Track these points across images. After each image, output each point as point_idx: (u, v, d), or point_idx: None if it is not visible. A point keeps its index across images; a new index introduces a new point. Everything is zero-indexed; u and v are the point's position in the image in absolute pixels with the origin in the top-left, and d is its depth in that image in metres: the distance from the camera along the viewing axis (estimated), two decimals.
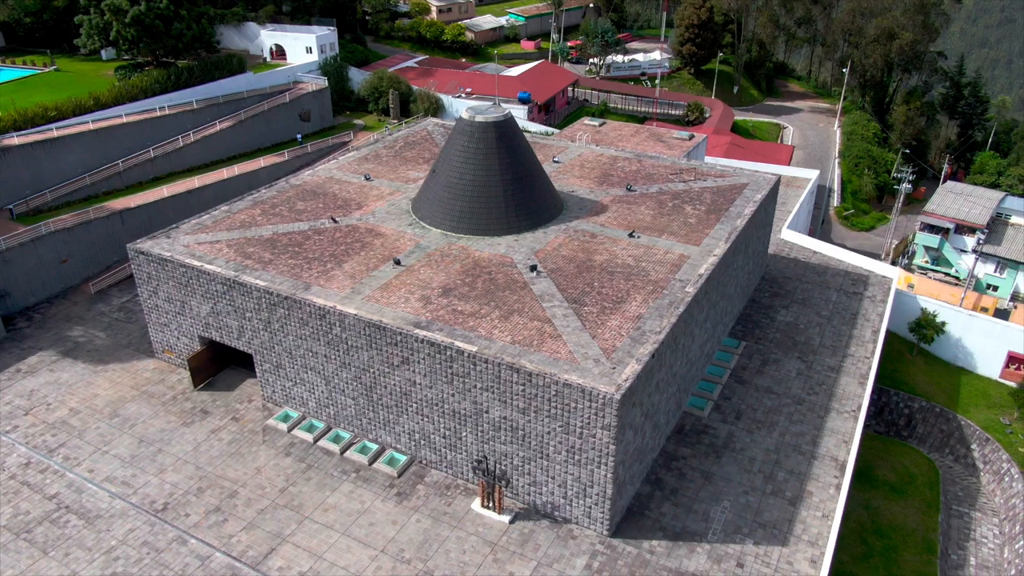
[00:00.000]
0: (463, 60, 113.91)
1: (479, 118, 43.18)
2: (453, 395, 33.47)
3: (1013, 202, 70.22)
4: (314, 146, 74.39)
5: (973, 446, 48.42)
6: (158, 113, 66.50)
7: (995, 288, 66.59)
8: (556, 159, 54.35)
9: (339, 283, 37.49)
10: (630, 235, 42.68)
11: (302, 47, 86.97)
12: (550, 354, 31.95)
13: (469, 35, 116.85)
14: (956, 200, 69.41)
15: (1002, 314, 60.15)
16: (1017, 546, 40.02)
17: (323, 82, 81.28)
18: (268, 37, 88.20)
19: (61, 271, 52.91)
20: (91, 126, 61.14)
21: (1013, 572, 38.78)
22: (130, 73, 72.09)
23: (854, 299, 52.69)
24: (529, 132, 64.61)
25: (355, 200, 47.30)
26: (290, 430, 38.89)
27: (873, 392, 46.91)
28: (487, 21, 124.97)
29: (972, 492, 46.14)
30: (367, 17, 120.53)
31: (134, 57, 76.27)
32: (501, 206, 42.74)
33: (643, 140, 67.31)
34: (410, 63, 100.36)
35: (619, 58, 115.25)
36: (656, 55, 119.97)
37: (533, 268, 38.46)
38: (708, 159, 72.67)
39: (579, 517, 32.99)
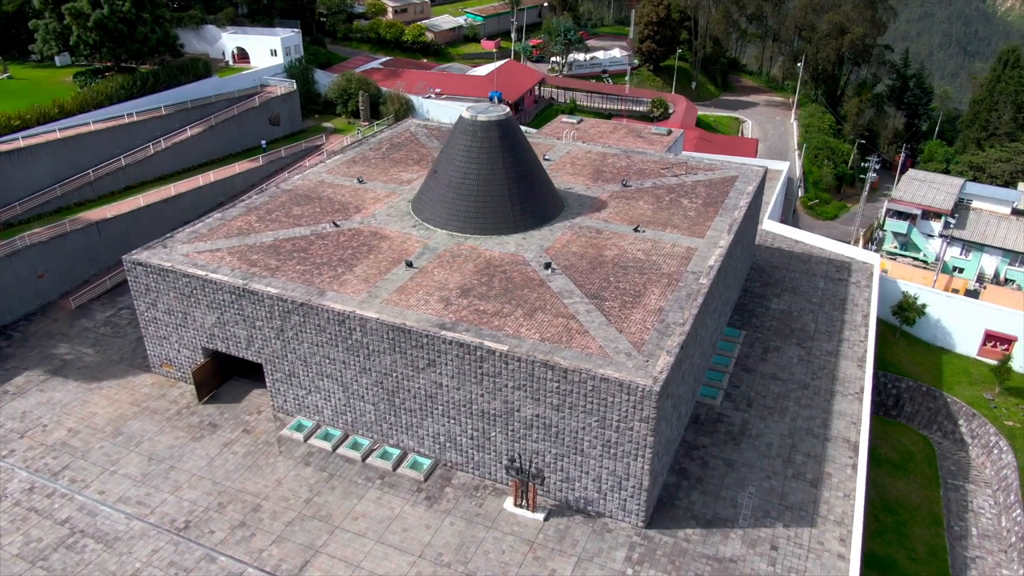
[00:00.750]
0: (424, 60, 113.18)
1: (481, 117, 43.00)
2: (482, 395, 33.28)
3: (972, 188, 73.43)
4: (288, 150, 72.95)
5: (960, 422, 50.47)
6: (126, 120, 64.19)
7: (961, 270, 69.51)
8: (546, 157, 54.49)
9: (353, 287, 36.87)
10: (635, 230, 43.12)
11: (266, 50, 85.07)
12: (581, 350, 32.07)
13: (429, 35, 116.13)
14: (921, 187, 72.20)
15: (972, 294, 62.90)
16: (1014, 515, 41.87)
17: (291, 85, 79.72)
18: (230, 40, 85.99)
19: (38, 287, 50.63)
20: (58, 135, 58.64)
21: (1013, 539, 40.59)
22: (90, 79, 69.38)
23: (840, 285, 54.33)
24: None
25: (352, 203, 46.56)
26: (306, 439, 38.07)
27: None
28: (446, 21, 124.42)
29: (964, 466, 48.09)
30: (323, 19, 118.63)
31: (90, 63, 73.46)
32: (507, 205, 42.67)
33: (623, 136, 68.04)
34: (374, 64, 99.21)
35: (580, 56, 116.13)
36: (616, 52, 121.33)
37: (547, 265, 38.51)
38: (683, 154, 73.82)
39: (613, 510, 33.20)
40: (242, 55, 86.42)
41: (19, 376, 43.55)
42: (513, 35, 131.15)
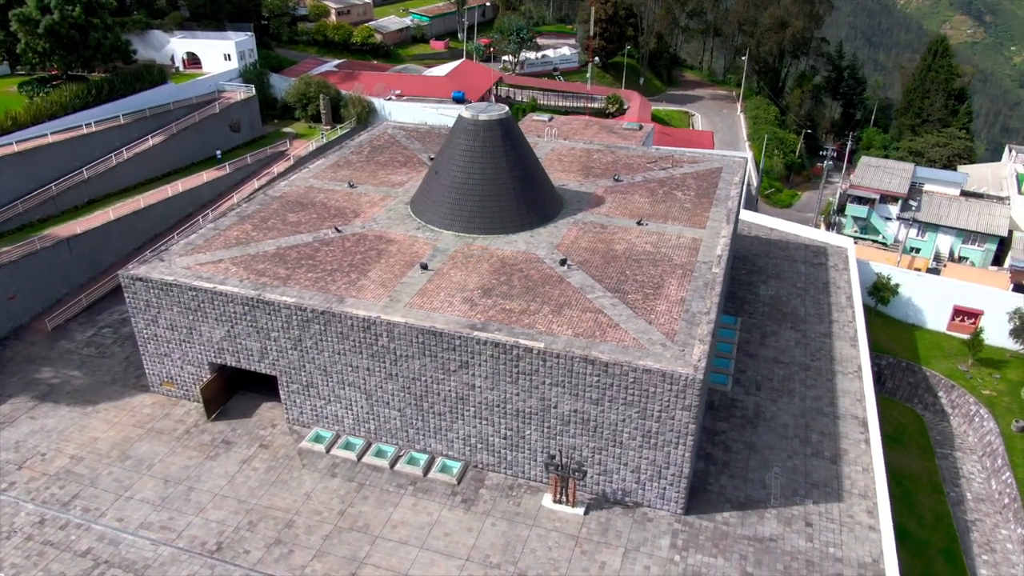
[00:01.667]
0: (375, 62, 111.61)
1: (483, 116, 42.82)
2: (518, 394, 33.22)
3: (922, 172, 77.23)
4: (254, 157, 70.86)
5: (940, 394, 53.13)
6: (84, 131, 61.16)
7: (918, 250, 73.03)
8: None
9: (372, 293, 36.22)
10: (638, 223, 43.74)
11: (219, 54, 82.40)
12: (616, 343, 32.39)
13: (378, 37, 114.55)
14: (877, 173, 75.52)
15: (933, 272, 66.14)
16: (1004, 478, 44.37)
17: (251, 90, 77.45)
18: (179, 45, 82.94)
19: (9, 309, 47.81)
20: (15, 148, 55.45)
21: (1006, 500, 43.01)
22: (37, 89, 65.86)
23: (820, 270, 56.36)
24: None
25: (348, 208, 45.67)
26: (328, 450, 37.20)
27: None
28: (393, 22, 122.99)
29: (948, 435, 50.65)
30: (265, 22, 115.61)
31: (33, 71, 69.59)
32: (512, 203, 42.64)
33: (597, 132, 68.76)
34: (328, 67, 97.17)
35: (532, 55, 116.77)
36: (565, 51, 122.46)
37: (563, 262, 38.70)
38: (665, 148, 75.09)
39: (652, 499, 33.67)
40: (192, 60, 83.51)
41: (3, 404, 41.06)
42: (461, 35, 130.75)
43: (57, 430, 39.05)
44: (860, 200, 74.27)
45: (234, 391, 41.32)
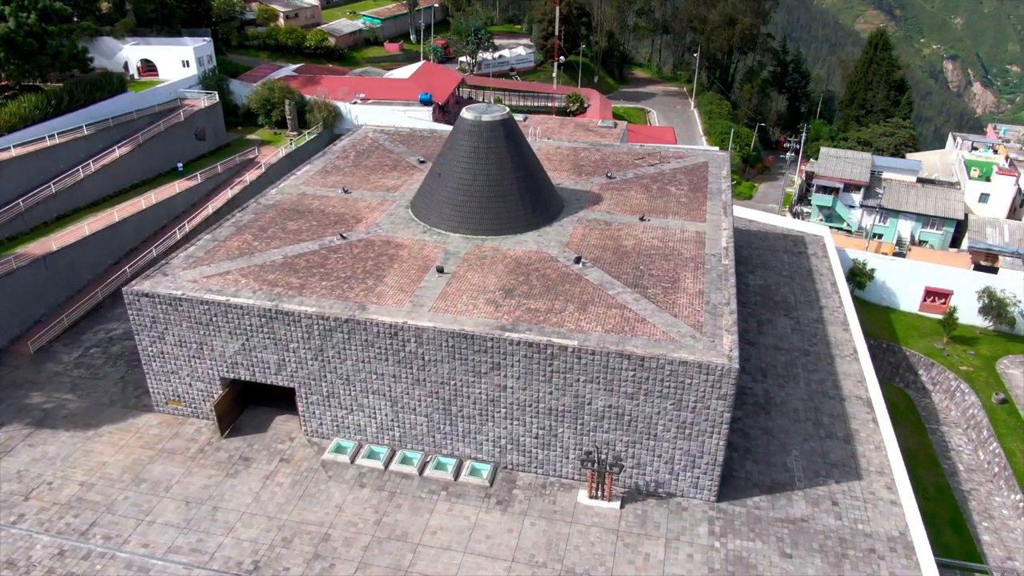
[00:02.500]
0: (330, 65, 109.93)
1: (486, 118, 42.76)
2: (551, 393, 33.38)
3: (879, 160, 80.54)
4: (224, 165, 68.93)
5: (920, 372, 55.58)
6: (48, 143, 58.48)
7: (880, 236, 76.13)
8: None
9: (393, 299, 35.81)
10: (641, 219, 44.40)
11: (177, 61, 79.83)
12: (647, 337, 32.87)
13: (332, 40, 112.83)
14: (838, 163, 78.40)
15: (898, 256, 69.12)
16: (991, 448, 46.75)
17: (214, 97, 75.29)
18: (133, 52, 79.96)
19: None
20: None
21: (996, 469, 45.33)
22: None
23: (802, 258, 58.23)
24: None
25: (348, 214, 44.98)
26: (353, 460, 36.60)
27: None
28: (345, 25, 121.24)
29: (932, 411, 53.02)
30: (214, 27, 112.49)
31: None
32: (518, 203, 42.73)
33: (574, 131, 69.39)
34: (286, 72, 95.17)
35: (488, 55, 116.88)
36: (520, 50, 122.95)
37: (578, 260, 39.01)
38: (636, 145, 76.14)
39: (685, 489, 34.29)
40: (148, 67, 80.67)
41: None
42: (413, 36, 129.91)
43: (60, 457, 37.29)
44: (825, 189, 77.03)
45: (244, 406, 40.23)
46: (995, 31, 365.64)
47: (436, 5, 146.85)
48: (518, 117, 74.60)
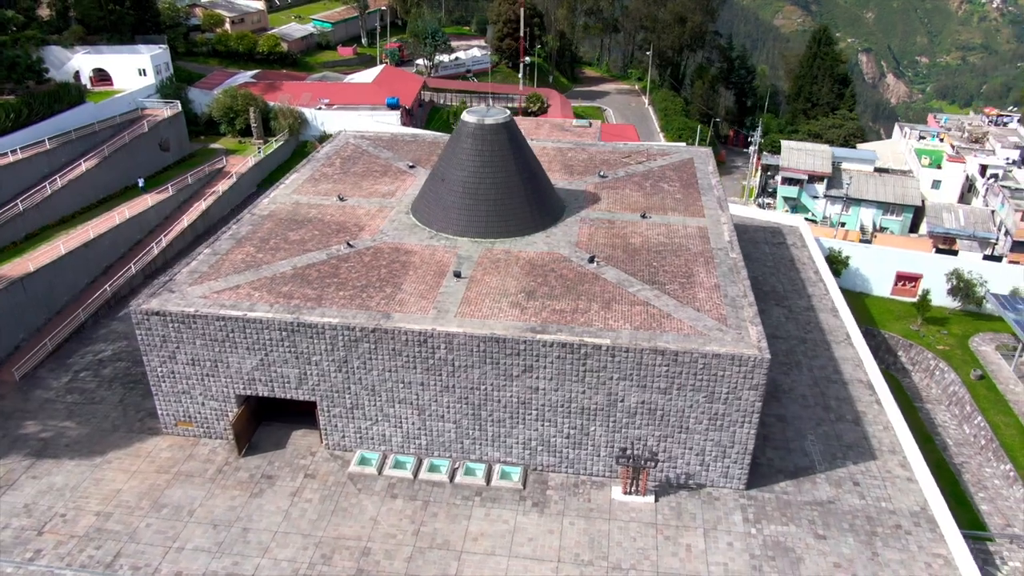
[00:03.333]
0: (284, 71, 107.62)
1: (489, 120, 42.70)
2: (583, 392, 33.63)
3: (838, 152, 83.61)
4: (194, 176, 66.84)
5: (900, 353, 57.96)
6: (10, 158, 55.72)
7: (843, 224, 79.01)
8: None
9: (416, 306, 35.46)
10: (642, 216, 45.07)
11: (133, 69, 77.08)
12: (676, 332, 33.46)
13: (284, 45, 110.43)
14: (800, 155, 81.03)
15: (865, 243, 71.80)
16: (976, 422, 49.14)
17: (176, 107, 72.91)
18: (84, 61, 76.87)
19: None
20: None
21: (983, 442, 47.69)
22: None
23: (783, 248, 60.05)
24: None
25: (348, 222, 44.27)
26: (380, 471, 36.10)
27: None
28: (296, 29, 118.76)
29: (913, 390, 55.35)
30: (162, 33, 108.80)
31: None
32: (525, 205, 42.85)
33: (550, 131, 69.75)
34: (242, 78, 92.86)
35: (445, 57, 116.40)
36: (475, 52, 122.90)
37: (592, 259, 39.37)
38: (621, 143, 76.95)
39: (715, 479, 35.04)
40: (101, 77, 77.57)
41: None
42: (364, 40, 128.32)
43: (69, 487, 35.61)
44: (791, 181, 79.53)
45: (258, 423, 39.20)
46: (904, 24, 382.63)
47: (384, 8, 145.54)
48: None
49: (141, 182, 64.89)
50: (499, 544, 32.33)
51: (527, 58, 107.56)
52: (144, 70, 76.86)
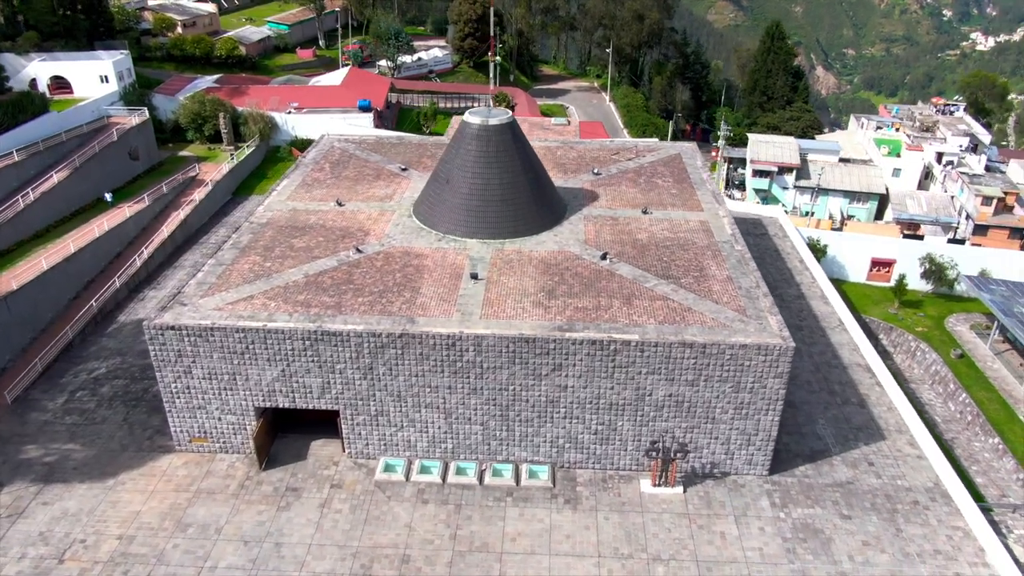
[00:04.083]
0: (243, 75, 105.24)
1: (492, 122, 42.72)
2: (612, 388, 34.03)
3: (804, 144, 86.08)
4: (168, 185, 64.94)
5: (881, 336, 60.11)
6: None
7: (812, 213, 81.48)
8: None
9: (438, 309, 35.33)
10: (644, 212, 45.74)
11: (94, 76, 74.28)
12: (700, 325, 34.13)
13: (242, 49, 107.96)
14: (768, 148, 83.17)
15: (836, 231, 74.20)
16: (961, 399, 51.35)
17: (144, 114, 70.66)
18: (41, 68, 73.80)
19: None
20: None
21: (969, 418, 49.90)
22: None
23: (765, 239, 61.63)
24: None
25: (352, 227, 43.74)
26: (407, 477, 35.85)
27: None
28: (252, 32, 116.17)
29: (896, 371, 57.49)
30: (116, 38, 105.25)
31: None
32: (531, 204, 43.03)
33: (529, 130, 69.85)
34: (205, 83, 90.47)
35: (407, 58, 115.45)
36: (436, 52, 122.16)
37: (604, 256, 39.80)
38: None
39: (739, 467, 35.89)
40: (59, 84, 74.61)
41: (1, 494, 35.41)
42: (322, 42, 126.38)
43: (84, 511, 34.35)
44: (761, 173, 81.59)
45: (275, 435, 38.48)
46: (831, 17, 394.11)
47: (338, 9, 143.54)
48: None
49: (109, 196, 61.98)
50: (538, 543, 32.50)
51: (497, 57, 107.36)
52: (106, 76, 74.15)
